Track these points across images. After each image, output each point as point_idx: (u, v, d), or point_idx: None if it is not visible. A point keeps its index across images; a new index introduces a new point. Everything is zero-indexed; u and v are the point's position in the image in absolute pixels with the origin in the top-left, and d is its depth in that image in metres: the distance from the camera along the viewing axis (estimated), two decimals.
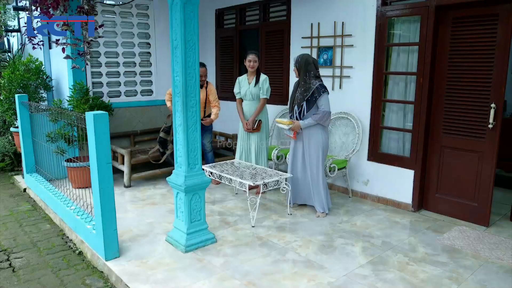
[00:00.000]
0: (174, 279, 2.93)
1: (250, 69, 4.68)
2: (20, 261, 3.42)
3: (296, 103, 4.06)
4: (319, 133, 4.03)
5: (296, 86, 4.17)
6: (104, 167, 3.08)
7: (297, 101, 4.05)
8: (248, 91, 4.74)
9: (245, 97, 4.80)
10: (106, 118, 3.07)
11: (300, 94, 4.03)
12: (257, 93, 4.72)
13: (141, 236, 3.67)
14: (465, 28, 3.81)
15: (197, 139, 3.35)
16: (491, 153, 3.76)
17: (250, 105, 4.78)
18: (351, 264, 3.17)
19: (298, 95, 4.06)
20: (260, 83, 4.70)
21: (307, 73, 4.01)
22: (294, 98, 4.12)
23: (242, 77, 4.87)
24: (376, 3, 4.31)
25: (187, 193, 3.32)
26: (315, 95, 3.95)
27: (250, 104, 4.79)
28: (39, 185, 4.78)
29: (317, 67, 4.08)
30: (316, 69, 4.03)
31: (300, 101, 4.01)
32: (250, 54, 4.68)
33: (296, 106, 4.06)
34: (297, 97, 4.06)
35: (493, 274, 3.03)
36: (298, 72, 4.08)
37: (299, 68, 4.06)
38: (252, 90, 4.72)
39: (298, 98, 4.05)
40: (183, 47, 3.13)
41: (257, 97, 4.74)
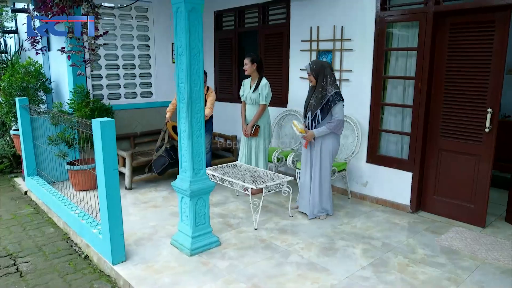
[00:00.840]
0: (180, 282, 2.99)
1: (245, 72, 4.74)
2: (27, 265, 3.46)
3: (310, 110, 4.03)
4: (331, 140, 4.03)
5: (311, 91, 4.10)
6: (110, 173, 3.13)
7: (311, 108, 4.02)
8: (248, 95, 4.78)
9: (247, 101, 4.84)
10: (113, 125, 3.12)
11: (315, 101, 3.98)
12: (256, 98, 4.72)
13: (145, 239, 3.72)
14: (462, 34, 3.90)
15: (202, 144, 3.41)
16: (487, 156, 3.86)
17: (250, 109, 4.82)
18: (353, 266, 3.26)
19: (312, 102, 4.01)
20: (260, 89, 4.69)
21: (324, 79, 3.97)
22: (308, 104, 4.07)
23: (247, 80, 4.87)
24: (375, 8, 4.38)
25: (192, 198, 3.37)
26: (329, 103, 3.93)
27: (250, 108, 4.83)
28: (41, 188, 4.81)
29: (333, 72, 4.07)
30: (332, 74, 4.00)
31: (314, 108, 3.98)
32: (245, 57, 4.74)
33: (310, 113, 4.03)
34: (311, 103, 4.02)
35: (490, 275, 3.13)
36: (315, 78, 4.00)
37: (316, 75, 3.98)
38: (251, 95, 4.74)
39: (312, 105, 4.01)
40: (188, 54, 3.18)
41: (256, 102, 4.75)
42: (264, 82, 4.73)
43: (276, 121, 5.61)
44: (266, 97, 4.71)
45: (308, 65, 4.07)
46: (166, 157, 4.96)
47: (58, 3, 3.07)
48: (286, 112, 5.53)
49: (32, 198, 5.16)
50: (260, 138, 4.83)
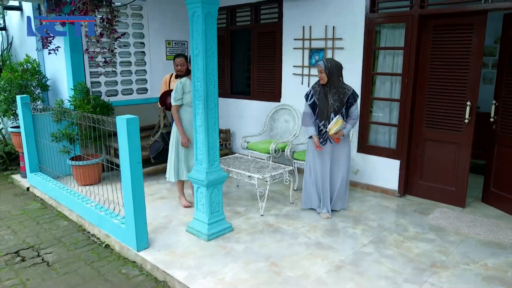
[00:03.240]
0: (205, 264, 3.29)
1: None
2: (51, 256, 3.65)
3: (332, 110, 3.98)
4: (349, 136, 4.21)
5: (323, 92, 4.02)
6: (135, 166, 3.37)
7: (333, 108, 3.97)
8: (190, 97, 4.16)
9: (190, 104, 4.18)
10: (137, 121, 3.35)
11: (336, 101, 3.96)
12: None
13: (161, 228, 3.98)
14: (444, 35, 4.34)
15: (216, 138, 3.70)
16: (467, 144, 4.35)
17: (191, 112, 4.13)
18: (356, 244, 3.66)
19: (333, 103, 3.96)
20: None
21: (340, 78, 4.01)
22: (328, 105, 3.99)
23: (184, 81, 4.22)
24: (365, 10, 4.77)
25: (208, 188, 3.66)
26: (350, 100, 3.99)
27: (191, 111, 4.18)
28: (47, 183, 4.94)
29: None
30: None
31: (338, 108, 3.97)
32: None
33: (333, 114, 3.98)
34: (332, 104, 3.97)
35: (473, 246, 3.61)
36: (328, 77, 3.96)
37: (330, 73, 3.95)
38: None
39: (334, 105, 3.96)
40: (204, 55, 3.45)
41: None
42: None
43: (270, 115, 5.94)
44: None
45: (322, 63, 4.01)
46: (160, 142, 4.89)
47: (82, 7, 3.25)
48: (279, 107, 5.86)
49: (36, 194, 5.27)
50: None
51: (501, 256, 3.44)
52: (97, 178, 5.30)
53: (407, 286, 2.98)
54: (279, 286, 2.98)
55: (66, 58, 5.36)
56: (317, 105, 4.06)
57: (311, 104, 4.12)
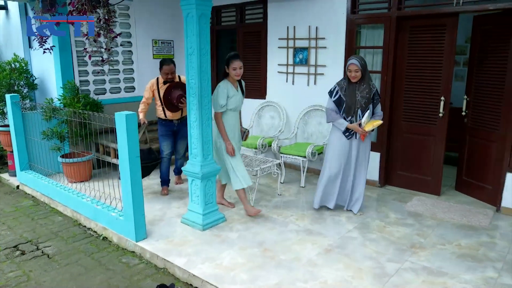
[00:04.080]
0: (203, 251, 3.48)
1: (238, 77, 4.05)
2: (50, 249, 3.77)
3: (360, 107, 3.95)
4: (371, 136, 4.21)
5: (352, 88, 3.98)
6: (134, 160, 3.53)
7: (360, 105, 3.95)
8: (239, 101, 4.14)
9: (237, 108, 4.14)
10: (135, 117, 3.50)
11: (364, 97, 3.94)
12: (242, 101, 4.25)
13: (157, 220, 4.14)
14: (420, 35, 4.66)
15: (210, 133, 3.89)
16: (441, 137, 4.68)
17: (236, 116, 4.20)
18: (342, 229, 3.92)
19: (360, 99, 3.94)
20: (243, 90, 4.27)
21: (369, 75, 4.03)
22: (356, 101, 3.96)
23: (225, 84, 4.04)
24: (346, 11, 5.04)
25: (202, 180, 3.85)
26: (376, 97, 4.02)
27: (235, 115, 4.18)
28: (39, 181, 5.01)
29: None
30: None
31: (365, 105, 3.94)
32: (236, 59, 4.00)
33: (360, 111, 3.96)
34: (359, 101, 3.94)
35: (448, 229, 3.93)
36: (362, 74, 3.94)
37: (363, 71, 3.93)
38: (243, 99, 4.24)
39: (361, 102, 3.95)
40: (198, 54, 3.64)
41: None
42: (243, 82, 4.29)
43: (256, 111, 6.16)
44: None
45: (356, 61, 3.91)
46: None
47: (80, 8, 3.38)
48: (265, 104, 6.09)
49: (26, 191, 5.32)
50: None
51: (472, 236, 3.78)
52: (88, 175, 5.40)
53: (390, 265, 3.26)
54: (274, 268, 3.21)
55: (55, 57, 5.43)
56: (343, 101, 4.00)
57: (335, 100, 4.05)
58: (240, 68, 3.99)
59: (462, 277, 3.09)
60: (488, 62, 4.45)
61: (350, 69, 3.96)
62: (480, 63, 4.55)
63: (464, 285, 2.97)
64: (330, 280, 3.04)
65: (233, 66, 3.96)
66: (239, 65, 3.98)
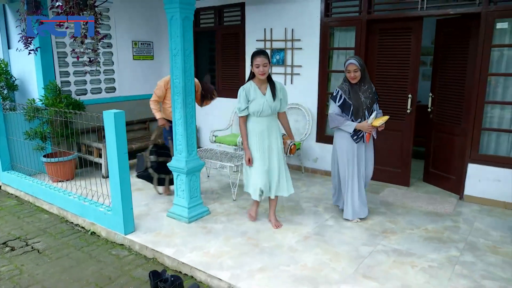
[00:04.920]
0: (190, 242, 3.67)
1: (262, 76, 3.61)
2: (40, 244, 3.87)
3: (366, 107, 3.88)
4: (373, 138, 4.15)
5: (354, 90, 3.87)
6: (122, 157, 3.68)
7: (366, 105, 3.88)
8: (266, 104, 3.67)
9: (262, 113, 3.70)
10: (123, 115, 3.66)
11: (368, 98, 3.88)
12: (277, 106, 3.75)
13: (143, 215, 4.30)
14: (388, 37, 5.01)
15: (194, 130, 4.09)
16: (409, 131, 5.04)
17: (269, 122, 3.78)
18: (319, 219, 4.20)
19: (364, 100, 3.87)
20: (281, 92, 3.78)
21: (367, 75, 3.97)
22: (361, 102, 3.86)
23: (249, 86, 3.72)
24: (320, 14, 5.34)
25: (187, 175, 4.04)
26: (376, 97, 3.99)
27: (268, 121, 3.77)
28: (23, 180, 5.07)
29: None
30: None
31: (370, 105, 3.90)
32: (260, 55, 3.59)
33: (367, 111, 3.90)
34: (364, 101, 3.86)
35: (416, 216, 4.26)
36: (361, 75, 3.86)
37: (363, 71, 3.86)
38: (272, 104, 3.70)
39: (366, 102, 3.88)
40: (182, 55, 3.83)
41: (275, 111, 3.80)
42: (280, 84, 3.86)
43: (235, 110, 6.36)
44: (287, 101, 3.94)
45: (355, 61, 3.81)
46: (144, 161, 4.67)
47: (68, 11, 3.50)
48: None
49: (9, 191, 5.36)
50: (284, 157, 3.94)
51: (438, 222, 4.12)
52: (72, 174, 5.49)
53: (364, 248, 3.56)
54: (258, 255, 3.43)
55: (37, 58, 5.48)
56: (349, 104, 3.87)
57: (340, 105, 3.91)
58: (264, 66, 3.55)
59: (429, 256, 3.41)
60: (450, 61, 4.84)
61: (349, 69, 3.82)
62: (443, 63, 4.93)
63: (430, 263, 3.29)
64: (310, 263, 3.29)
65: (256, 62, 3.57)
66: (262, 61, 3.55)
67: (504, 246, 3.60)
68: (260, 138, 3.75)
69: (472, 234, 3.85)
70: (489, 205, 4.54)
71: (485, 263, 3.30)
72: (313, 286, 2.97)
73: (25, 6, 4.04)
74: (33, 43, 4.20)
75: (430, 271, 3.17)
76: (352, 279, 3.07)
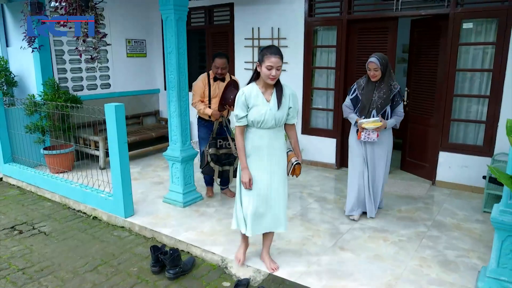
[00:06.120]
0: (185, 223, 4.03)
1: (272, 81, 2.80)
2: (46, 228, 4.19)
3: (375, 107, 3.75)
4: (391, 135, 3.98)
5: (370, 87, 3.80)
6: (122, 145, 4.02)
7: (376, 104, 3.75)
8: (270, 114, 2.83)
9: (265, 124, 2.87)
10: (123, 108, 3.99)
11: (381, 98, 3.73)
12: (282, 117, 2.90)
13: (141, 201, 4.64)
14: (367, 36, 5.41)
15: (187, 122, 4.43)
16: None
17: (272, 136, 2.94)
18: (304, 203, 4.59)
19: (376, 99, 3.75)
20: (290, 100, 2.93)
21: (390, 75, 3.81)
22: (371, 101, 3.76)
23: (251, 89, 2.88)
24: (304, 15, 5.72)
25: (182, 163, 4.39)
26: (396, 98, 3.79)
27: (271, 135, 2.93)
28: (25, 171, 5.36)
29: None
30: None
31: (382, 105, 3.74)
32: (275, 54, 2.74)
33: (375, 111, 3.75)
34: (375, 101, 3.75)
35: (392, 199, 4.68)
36: (382, 74, 3.73)
37: (384, 70, 3.72)
38: (276, 114, 2.85)
39: (377, 102, 3.74)
40: (176, 53, 4.18)
41: (281, 123, 2.95)
42: (290, 89, 2.98)
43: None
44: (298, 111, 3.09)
45: (376, 60, 3.69)
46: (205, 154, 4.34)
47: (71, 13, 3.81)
48: None
49: (11, 182, 5.63)
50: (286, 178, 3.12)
51: (411, 204, 4.55)
52: (70, 165, 5.79)
53: (342, 226, 3.96)
54: None
55: (35, 55, 5.76)
56: (359, 99, 3.86)
57: (353, 99, 3.93)
58: (277, 69, 2.74)
59: (400, 232, 3.82)
60: (423, 58, 5.26)
61: (369, 67, 3.74)
62: (417, 60, 5.35)
63: (400, 238, 3.71)
64: (294, 239, 3.68)
65: (269, 63, 2.71)
66: (277, 64, 2.72)
67: (467, 223, 4.03)
68: (259, 155, 2.92)
69: (440, 213, 4.28)
70: (458, 189, 4.99)
71: (449, 237, 3.73)
72: (296, 257, 3.35)
73: (29, 7, 4.34)
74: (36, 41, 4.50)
75: (399, 244, 3.59)
76: (331, 251, 3.46)
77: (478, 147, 4.83)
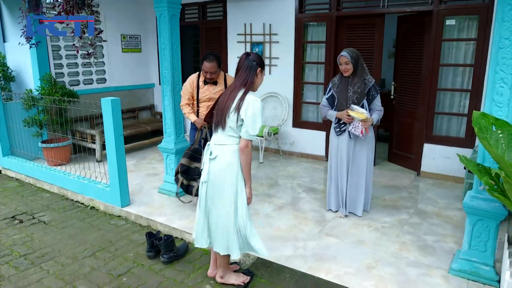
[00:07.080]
0: (179, 212, 4.22)
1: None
2: (46, 217, 4.36)
3: (351, 102, 3.74)
4: (372, 132, 3.94)
5: (344, 83, 3.81)
6: (119, 138, 4.19)
7: (352, 99, 3.74)
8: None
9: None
10: (119, 102, 4.16)
11: (356, 92, 3.72)
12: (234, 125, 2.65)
13: (137, 192, 4.82)
14: (355, 32, 5.59)
15: (181, 115, 4.60)
16: None
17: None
18: (293, 192, 4.79)
19: (351, 94, 3.74)
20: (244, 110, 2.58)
21: (362, 68, 3.79)
22: (347, 97, 3.77)
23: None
24: (295, 11, 5.89)
25: (176, 155, 4.57)
26: (372, 92, 3.76)
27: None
28: (24, 164, 5.52)
29: None
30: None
31: (358, 100, 3.72)
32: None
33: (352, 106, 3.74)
34: (351, 96, 3.74)
35: (378, 189, 4.88)
36: (354, 68, 3.73)
37: (355, 64, 3.72)
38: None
39: (353, 97, 3.73)
40: (170, 49, 4.34)
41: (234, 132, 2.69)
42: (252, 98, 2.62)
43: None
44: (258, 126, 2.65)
45: (346, 54, 3.71)
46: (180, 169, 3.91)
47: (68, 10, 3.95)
48: None
49: (10, 175, 5.79)
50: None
51: (396, 193, 4.76)
52: (68, 158, 5.95)
53: (328, 214, 4.16)
54: None
55: (32, 51, 5.89)
56: (335, 97, 3.88)
57: (329, 98, 3.94)
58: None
59: (383, 219, 4.04)
60: (409, 53, 5.45)
61: (340, 61, 3.76)
62: (404, 55, 5.54)
63: (382, 224, 3.92)
64: (283, 226, 3.88)
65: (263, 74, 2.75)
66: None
67: (447, 211, 4.25)
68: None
69: (423, 202, 4.50)
70: (441, 179, 5.21)
71: (429, 224, 3.94)
72: (284, 242, 3.56)
73: (27, 4, 4.48)
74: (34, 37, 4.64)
75: (382, 230, 3.80)
76: (317, 237, 3.67)
77: (460, 139, 5.04)
